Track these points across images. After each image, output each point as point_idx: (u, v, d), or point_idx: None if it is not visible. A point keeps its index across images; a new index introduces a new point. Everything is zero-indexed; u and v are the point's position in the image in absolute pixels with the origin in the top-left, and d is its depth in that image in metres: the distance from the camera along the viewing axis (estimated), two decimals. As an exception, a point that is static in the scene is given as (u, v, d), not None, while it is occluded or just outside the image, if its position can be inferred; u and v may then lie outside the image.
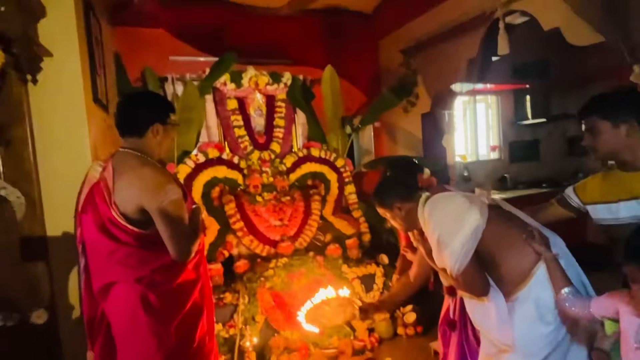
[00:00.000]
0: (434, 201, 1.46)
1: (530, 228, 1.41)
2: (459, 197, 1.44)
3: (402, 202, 1.55)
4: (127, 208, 1.35)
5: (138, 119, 1.44)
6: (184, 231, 1.36)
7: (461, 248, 1.33)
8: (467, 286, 1.39)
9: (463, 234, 1.33)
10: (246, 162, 3.20)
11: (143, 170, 1.36)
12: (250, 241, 2.98)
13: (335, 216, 3.38)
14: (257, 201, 3.09)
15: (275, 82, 3.34)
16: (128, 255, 1.36)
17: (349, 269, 3.02)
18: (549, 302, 1.32)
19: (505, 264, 1.37)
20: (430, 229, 1.41)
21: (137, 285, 1.36)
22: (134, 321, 1.37)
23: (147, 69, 3.05)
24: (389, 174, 1.70)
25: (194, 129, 3.04)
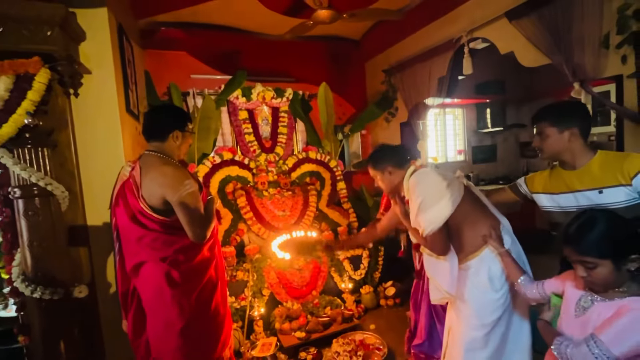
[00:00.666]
0: (421, 173, 1.46)
1: (490, 213, 1.45)
2: (441, 175, 1.44)
3: (393, 167, 1.53)
4: (153, 200, 1.36)
5: (161, 126, 1.45)
6: (200, 218, 1.36)
7: (437, 216, 1.35)
8: (432, 246, 1.40)
9: (443, 204, 1.35)
10: (255, 163, 3.18)
11: (165, 169, 1.37)
12: (258, 228, 2.97)
13: (328, 208, 3.39)
14: (264, 195, 3.07)
15: (279, 96, 3.32)
16: (154, 240, 1.38)
17: (340, 251, 3.00)
18: (498, 273, 1.36)
19: (465, 236, 1.41)
20: (415, 194, 1.40)
21: (162, 263, 1.37)
22: (160, 293, 1.38)
23: (172, 84, 3.03)
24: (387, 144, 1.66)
25: (212, 135, 3.04)
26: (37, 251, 1.60)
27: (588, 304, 1.02)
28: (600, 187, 1.27)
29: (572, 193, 1.34)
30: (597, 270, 0.98)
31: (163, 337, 1.38)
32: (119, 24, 2.10)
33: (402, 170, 1.53)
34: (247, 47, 3.56)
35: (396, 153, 1.58)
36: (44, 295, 1.58)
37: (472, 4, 2.65)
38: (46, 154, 1.64)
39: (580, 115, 1.33)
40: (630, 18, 1.74)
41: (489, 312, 1.38)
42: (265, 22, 2.95)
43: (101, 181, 1.83)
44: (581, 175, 1.32)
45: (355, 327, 2.52)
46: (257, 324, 2.47)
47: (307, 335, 2.37)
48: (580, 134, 1.32)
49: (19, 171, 1.57)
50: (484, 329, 1.38)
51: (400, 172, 1.53)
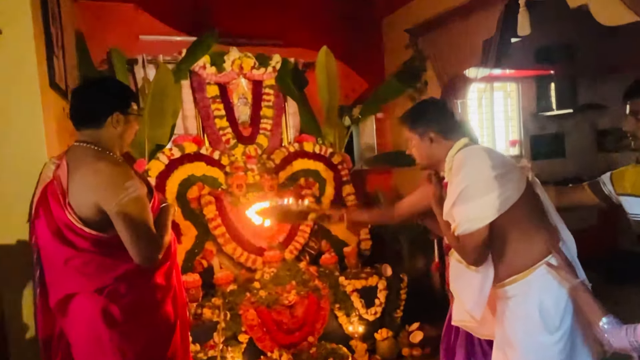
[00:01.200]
0: (474, 149, 1.47)
1: (552, 225, 1.48)
2: (501, 159, 1.46)
3: (437, 133, 1.54)
4: (84, 209, 1.36)
5: (95, 108, 1.46)
6: (148, 233, 1.37)
7: (478, 213, 1.37)
8: (464, 250, 1.43)
9: (491, 199, 1.37)
10: (229, 157, 3.21)
11: (99, 165, 1.38)
12: (232, 249, 2.99)
13: (331, 220, 3.41)
14: (242, 203, 3.08)
15: (262, 65, 3.35)
16: (86, 263, 1.38)
17: (347, 280, 3.02)
18: (552, 306, 1.38)
19: (512, 249, 1.43)
20: (458, 177, 1.42)
21: (98, 296, 1.37)
22: (95, 338, 1.38)
23: (114, 50, 3.01)
24: (435, 99, 1.70)
25: (168, 119, 3.03)
26: None
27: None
28: None
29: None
30: None
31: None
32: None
33: (448, 141, 1.53)
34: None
35: (445, 115, 1.58)
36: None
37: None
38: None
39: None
40: None
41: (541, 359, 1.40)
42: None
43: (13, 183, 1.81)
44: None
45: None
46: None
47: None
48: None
49: None
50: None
51: (445, 144, 1.54)
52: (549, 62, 4.45)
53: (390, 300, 3.09)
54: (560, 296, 1.40)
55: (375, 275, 3.11)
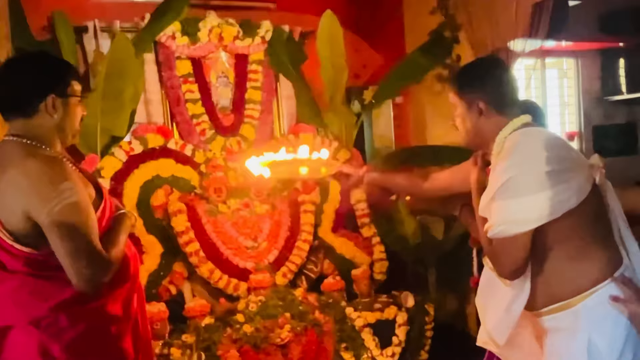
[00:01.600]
0: (533, 132, 1.51)
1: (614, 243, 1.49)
2: (567, 150, 1.48)
3: (488, 104, 1.56)
4: (13, 220, 1.36)
5: (23, 92, 1.45)
6: (88, 248, 1.35)
7: (520, 213, 1.39)
8: (497, 257, 1.47)
9: (542, 198, 1.38)
10: (204, 153, 3.20)
11: (28, 164, 1.37)
12: (209, 272, 2.97)
13: (336, 235, 3.41)
14: (221, 212, 3.09)
15: (248, 35, 3.33)
16: (18, 288, 1.38)
17: (356, 312, 3.01)
18: (603, 348, 1.38)
19: (560, 265, 1.46)
20: (505, 163, 1.45)
21: (34, 330, 1.37)
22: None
23: (58, 14, 2.96)
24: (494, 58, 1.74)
25: (127, 104, 3.00)
26: None
27: None
28: None
29: None
30: None
31: None
32: None
33: (502, 117, 1.55)
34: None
35: (503, 83, 1.60)
36: None
37: None
38: None
39: None
40: None
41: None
42: None
43: None
44: None
45: None
46: None
47: None
48: None
49: None
50: None
51: (497, 119, 1.56)
52: (617, 32, 4.43)
53: (411, 338, 3.09)
54: (616, 335, 1.40)
55: (393, 306, 3.10)
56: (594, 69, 4.83)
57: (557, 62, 4.80)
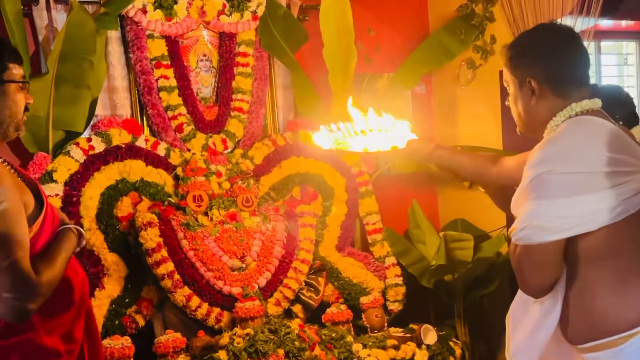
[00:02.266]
0: (590, 122, 1.50)
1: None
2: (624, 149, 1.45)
3: (543, 84, 1.56)
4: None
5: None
6: (15, 268, 1.34)
7: (549, 219, 1.40)
8: (520, 268, 1.50)
9: (584, 202, 1.39)
10: (181, 153, 3.16)
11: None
12: (185, 298, 2.88)
13: (342, 254, 3.42)
14: (201, 225, 3.03)
15: (236, 10, 3.29)
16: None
17: (366, 350, 2.96)
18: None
19: (603, 293, 1.45)
20: (538, 155, 1.46)
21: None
22: None
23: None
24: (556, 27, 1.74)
25: (85, 92, 2.94)
26: None
27: None
28: None
29: None
30: None
31: None
32: None
33: (559, 99, 1.55)
34: None
35: (559, 54, 1.58)
36: None
37: None
38: None
39: None
40: None
41: None
42: None
43: None
44: None
45: None
46: None
47: None
48: None
49: None
50: None
51: (555, 101, 1.56)
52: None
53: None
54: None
55: (411, 343, 3.03)
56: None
57: (616, 45, 4.75)
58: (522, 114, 1.65)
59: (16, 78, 1.52)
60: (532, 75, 1.58)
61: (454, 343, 3.13)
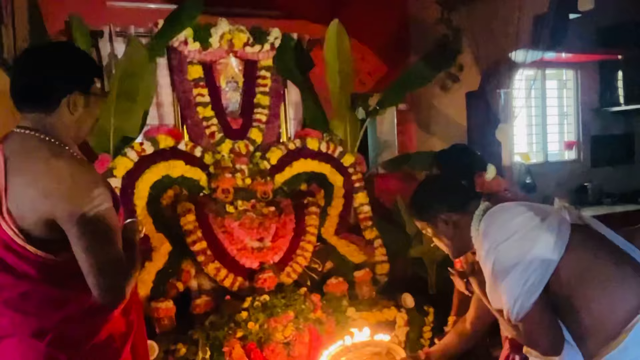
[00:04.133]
0: (494, 213, 1.48)
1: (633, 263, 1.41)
2: (529, 209, 1.45)
3: (449, 212, 1.57)
4: (29, 220, 1.25)
5: (47, 85, 1.33)
6: (117, 259, 1.28)
7: (524, 281, 1.34)
8: (530, 338, 1.40)
9: (529, 260, 1.35)
10: (213, 155, 3.20)
11: (57, 164, 1.27)
12: (215, 270, 2.94)
13: (339, 237, 3.39)
14: (228, 212, 3.07)
15: (257, 42, 3.33)
16: (26, 296, 1.28)
17: (358, 313, 3.00)
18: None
19: (591, 311, 1.37)
20: (484, 251, 1.43)
21: (37, 343, 1.27)
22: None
23: (75, 18, 2.96)
24: (435, 169, 1.73)
25: (139, 106, 3.03)
26: None
27: None
28: None
29: None
30: None
31: None
32: None
33: (467, 214, 1.54)
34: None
35: (452, 185, 1.61)
36: None
37: None
38: None
39: None
40: None
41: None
42: None
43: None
44: None
45: None
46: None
47: None
48: None
49: None
50: None
51: (465, 218, 1.55)
52: (616, 45, 4.43)
53: (411, 339, 3.06)
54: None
55: (394, 307, 3.08)
56: (593, 81, 4.82)
57: (557, 73, 4.79)
58: (448, 243, 1.61)
59: (97, 92, 1.43)
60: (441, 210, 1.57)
61: (427, 307, 3.17)
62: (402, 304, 3.14)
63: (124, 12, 3.35)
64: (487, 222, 1.46)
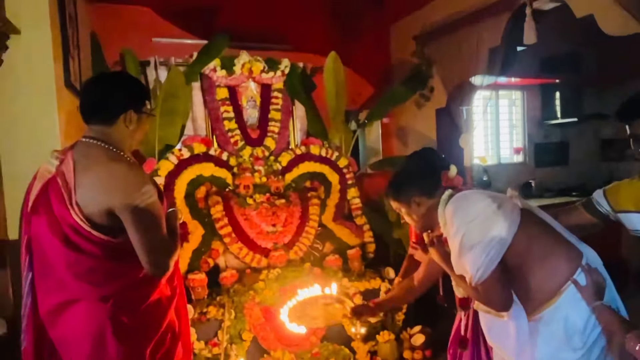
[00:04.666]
0: (459, 198, 1.47)
1: (566, 241, 1.42)
2: (488, 196, 1.45)
3: (421, 196, 1.55)
4: (93, 210, 1.26)
5: (109, 103, 1.36)
6: (162, 241, 1.31)
7: (486, 254, 1.34)
8: (487, 298, 1.40)
9: (490, 238, 1.35)
10: (236, 159, 3.20)
11: (114, 167, 1.30)
12: (238, 249, 2.96)
13: (336, 223, 3.39)
14: (248, 204, 3.06)
15: (271, 69, 3.34)
16: (93, 269, 1.28)
17: (350, 282, 3.00)
18: (578, 324, 1.34)
19: (534, 278, 1.39)
20: (453, 229, 1.42)
21: (103, 305, 1.29)
22: (100, 349, 1.29)
23: (127, 51, 3.02)
24: (410, 163, 1.69)
25: (178, 120, 3.03)
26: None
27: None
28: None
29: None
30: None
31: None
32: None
33: (433, 199, 1.54)
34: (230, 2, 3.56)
35: (423, 175, 1.59)
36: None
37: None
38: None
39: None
40: None
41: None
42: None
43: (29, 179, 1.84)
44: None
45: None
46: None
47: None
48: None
49: None
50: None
51: (431, 202, 1.54)
52: (554, 71, 4.44)
53: (392, 303, 3.08)
54: (584, 310, 1.35)
55: (379, 278, 3.07)
56: (536, 99, 4.81)
57: (508, 93, 4.78)
58: (418, 222, 1.59)
59: (148, 112, 1.45)
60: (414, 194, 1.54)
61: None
62: (385, 275, 3.14)
63: (165, 46, 3.35)
64: (455, 206, 1.45)
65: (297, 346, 2.72)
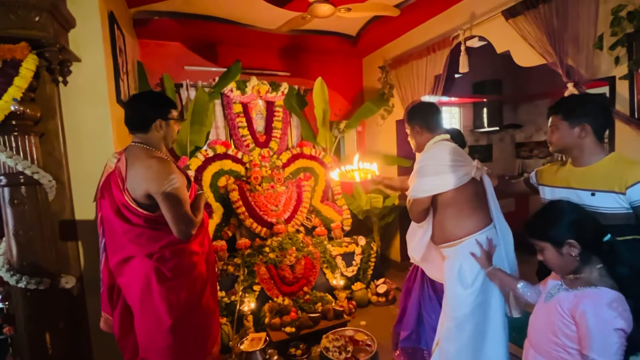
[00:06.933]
0: (441, 144, 1.47)
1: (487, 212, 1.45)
2: (455, 154, 1.42)
3: (422, 127, 1.54)
4: (137, 194, 1.32)
5: (142, 117, 1.39)
6: (185, 215, 1.30)
7: (422, 184, 1.40)
8: (411, 209, 1.48)
9: (437, 180, 1.39)
10: (248, 157, 3.19)
11: (149, 162, 1.32)
12: (250, 223, 2.97)
13: (322, 204, 3.40)
14: (257, 190, 3.07)
15: (274, 90, 3.33)
16: (139, 235, 1.33)
17: (333, 247, 3.02)
18: (468, 270, 1.39)
19: (449, 222, 1.44)
20: (421, 158, 1.45)
21: (149, 260, 1.33)
22: (148, 290, 1.33)
23: (165, 76, 2.99)
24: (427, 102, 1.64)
25: (205, 128, 3.01)
26: (23, 240, 1.57)
27: (555, 291, 1.08)
28: (593, 189, 1.25)
29: (567, 189, 1.33)
30: (544, 253, 1.06)
31: (151, 336, 1.34)
32: (110, 12, 2.07)
33: (429, 134, 1.52)
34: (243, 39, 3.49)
35: (427, 114, 1.55)
36: (29, 285, 1.55)
37: (469, 1, 2.66)
38: (33, 142, 1.60)
39: (594, 112, 1.28)
40: (623, 19, 1.77)
41: (455, 306, 1.40)
42: (262, 15, 2.93)
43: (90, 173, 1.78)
44: (584, 173, 1.30)
45: (345, 323, 2.51)
46: (247, 319, 2.47)
47: (296, 331, 2.35)
48: (592, 131, 1.27)
49: (5, 159, 1.53)
50: (454, 321, 1.41)
51: (427, 135, 1.53)
52: (482, 92, 4.46)
53: (363, 262, 3.10)
54: (475, 264, 1.39)
55: (354, 244, 3.10)
56: (469, 113, 4.83)
57: (449, 109, 4.77)
58: (414, 144, 1.60)
59: (174, 117, 1.44)
60: (417, 123, 1.54)
61: (372, 244, 3.15)
62: (358, 242, 3.15)
63: (195, 73, 3.31)
64: (435, 145, 1.47)
65: (294, 294, 2.75)
